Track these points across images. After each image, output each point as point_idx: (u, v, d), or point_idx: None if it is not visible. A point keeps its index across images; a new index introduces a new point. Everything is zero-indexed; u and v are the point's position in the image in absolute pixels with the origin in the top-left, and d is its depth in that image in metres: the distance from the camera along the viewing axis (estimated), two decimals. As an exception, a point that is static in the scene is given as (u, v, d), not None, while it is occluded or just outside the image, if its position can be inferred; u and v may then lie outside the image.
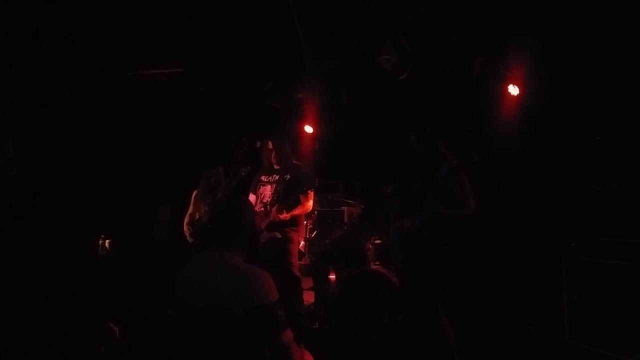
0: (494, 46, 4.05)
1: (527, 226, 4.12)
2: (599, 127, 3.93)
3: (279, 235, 3.70)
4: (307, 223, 4.72)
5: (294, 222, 3.80)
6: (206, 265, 1.89)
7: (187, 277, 1.91)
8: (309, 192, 3.75)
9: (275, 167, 3.94)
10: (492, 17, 3.79)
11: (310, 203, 3.85)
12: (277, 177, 3.88)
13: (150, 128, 5.31)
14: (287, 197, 3.68)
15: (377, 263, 4.28)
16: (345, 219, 5.07)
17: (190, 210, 4.49)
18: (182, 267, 1.97)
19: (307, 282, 4.81)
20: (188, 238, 4.40)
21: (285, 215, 3.67)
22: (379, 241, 4.38)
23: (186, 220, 4.46)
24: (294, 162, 3.98)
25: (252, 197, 3.97)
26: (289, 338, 1.75)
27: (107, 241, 4.97)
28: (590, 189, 3.81)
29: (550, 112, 4.10)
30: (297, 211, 3.76)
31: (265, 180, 3.93)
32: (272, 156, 3.90)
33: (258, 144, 4.07)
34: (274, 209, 3.64)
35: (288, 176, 3.82)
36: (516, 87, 4.18)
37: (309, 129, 5.53)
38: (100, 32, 3.90)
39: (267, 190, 3.86)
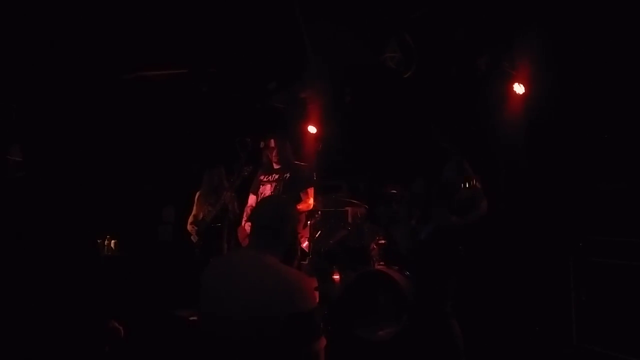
0: (499, 44, 4.02)
1: (534, 226, 4.08)
2: (607, 126, 3.88)
3: None
4: (310, 223, 4.71)
5: None
6: (244, 266, 1.79)
7: (220, 277, 1.81)
8: (308, 189, 3.76)
9: (275, 166, 3.95)
10: (497, 15, 3.76)
11: (311, 200, 3.85)
12: (276, 177, 3.89)
13: (154, 129, 5.34)
14: (288, 194, 3.69)
15: (381, 263, 4.26)
16: (349, 219, 5.05)
17: (194, 211, 4.51)
18: (211, 265, 1.90)
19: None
20: (192, 238, 4.42)
21: None
22: (382, 241, 4.36)
23: (190, 220, 4.47)
24: (294, 161, 3.98)
25: (252, 198, 3.98)
26: (322, 346, 1.69)
27: (112, 241, 5.00)
28: (598, 188, 3.77)
29: (557, 110, 4.05)
30: (300, 207, 3.76)
31: (265, 179, 3.94)
32: (274, 154, 3.91)
33: (262, 144, 4.08)
34: None
35: (287, 175, 3.84)
36: (522, 85, 4.14)
37: (312, 129, 5.52)
38: (104, 35, 3.93)
39: (267, 190, 3.87)
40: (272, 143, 3.92)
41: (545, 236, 3.98)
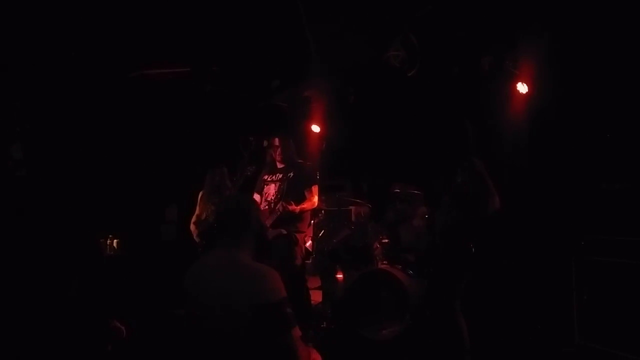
0: (502, 44, 4.03)
1: (537, 225, 4.09)
2: (610, 126, 3.90)
3: (285, 232, 3.70)
4: (314, 222, 4.72)
5: (299, 219, 3.79)
6: (214, 265, 1.90)
7: (195, 277, 1.92)
8: (312, 187, 3.75)
9: (279, 165, 3.95)
10: (501, 15, 3.76)
11: (316, 198, 3.85)
12: (280, 176, 3.89)
13: (157, 128, 5.32)
14: (292, 193, 3.69)
15: (384, 262, 4.27)
16: (353, 219, 5.06)
17: (197, 211, 4.50)
18: (191, 266, 1.97)
19: (314, 282, 4.80)
20: (195, 238, 4.41)
21: (294, 207, 3.66)
22: (386, 240, 4.36)
23: (193, 220, 4.47)
24: (298, 160, 3.98)
25: (256, 197, 3.98)
26: (297, 336, 1.75)
27: (115, 241, 4.98)
28: (600, 187, 3.78)
29: (560, 110, 4.06)
30: (305, 205, 3.77)
31: (268, 179, 3.95)
32: (277, 153, 3.91)
33: (265, 143, 4.08)
34: (281, 202, 3.64)
35: (292, 174, 3.84)
36: (525, 85, 4.15)
37: (316, 128, 5.52)
38: (107, 33, 3.91)
39: (271, 189, 3.87)
40: (277, 142, 3.93)
41: (547, 235, 4.00)
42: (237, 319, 1.71)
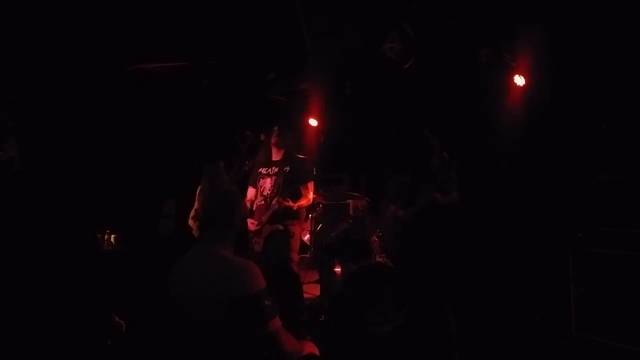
0: (500, 36, 4.01)
1: (534, 217, 4.10)
2: (606, 117, 3.90)
3: (281, 227, 3.70)
4: (312, 216, 4.72)
5: (295, 215, 3.79)
6: (194, 258, 1.93)
7: (177, 270, 1.95)
8: (308, 184, 3.74)
9: (274, 157, 3.93)
10: (498, 6, 3.75)
11: (311, 195, 3.84)
12: (276, 170, 3.87)
13: (154, 123, 5.30)
14: (288, 188, 3.68)
15: (382, 256, 4.27)
16: (351, 212, 5.06)
17: (195, 206, 4.49)
18: (176, 261, 1.99)
19: (313, 275, 4.81)
20: (193, 232, 4.41)
21: (291, 203, 3.66)
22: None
23: (191, 214, 4.45)
24: (294, 153, 3.96)
25: (251, 191, 3.96)
26: (277, 326, 1.76)
27: (112, 236, 4.98)
28: (597, 179, 3.79)
29: (557, 102, 4.06)
30: (302, 202, 3.77)
31: (264, 172, 3.92)
32: (275, 142, 3.88)
33: (262, 137, 4.06)
34: (277, 197, 3.63)
35: (287, 168, 3.82)
36: (522, 77, 4.14)
37: (313, 122, 5.51)
38: (103, 27, 3.89)
39: (267, 183, 3.86)
40: (276, 129, 3.90)
41: (544, 227, 4.00)
42: (214, 311, 1.73)
